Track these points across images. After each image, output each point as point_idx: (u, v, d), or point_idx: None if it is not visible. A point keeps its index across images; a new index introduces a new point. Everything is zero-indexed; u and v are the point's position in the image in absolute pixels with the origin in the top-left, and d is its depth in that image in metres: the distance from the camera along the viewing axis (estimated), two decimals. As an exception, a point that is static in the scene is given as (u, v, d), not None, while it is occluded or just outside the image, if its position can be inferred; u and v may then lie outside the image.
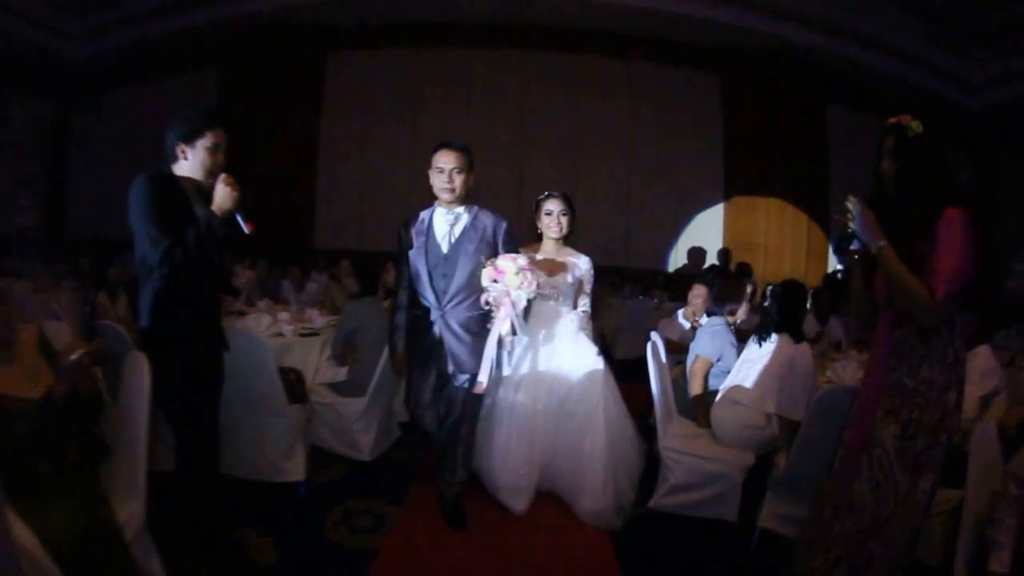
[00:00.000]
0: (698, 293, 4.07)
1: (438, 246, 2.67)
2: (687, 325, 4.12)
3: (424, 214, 2.73)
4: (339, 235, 9.14)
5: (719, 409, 2.86)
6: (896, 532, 1.73)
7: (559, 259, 3.03)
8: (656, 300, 6.61)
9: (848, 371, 3.01)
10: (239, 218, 2.09)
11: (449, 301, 2.65)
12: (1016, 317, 6.30)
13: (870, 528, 1.75)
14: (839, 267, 8.37)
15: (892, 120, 1.85)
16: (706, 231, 9.27)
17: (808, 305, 2.95)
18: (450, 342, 2.67)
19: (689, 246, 9.25)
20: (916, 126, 1.80)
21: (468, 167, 2.62)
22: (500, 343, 2.63)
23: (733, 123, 9.31)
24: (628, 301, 6.67)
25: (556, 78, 9.28)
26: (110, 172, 9.70)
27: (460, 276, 2.63)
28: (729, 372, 3.03)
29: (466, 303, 2.66)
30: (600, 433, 2.82)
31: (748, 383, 2.84)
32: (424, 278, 2.67)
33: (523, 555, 2.55)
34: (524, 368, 2.90)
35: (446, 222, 2.67)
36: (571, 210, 3.05)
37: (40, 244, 8.91)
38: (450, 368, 2.68)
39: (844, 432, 1.91)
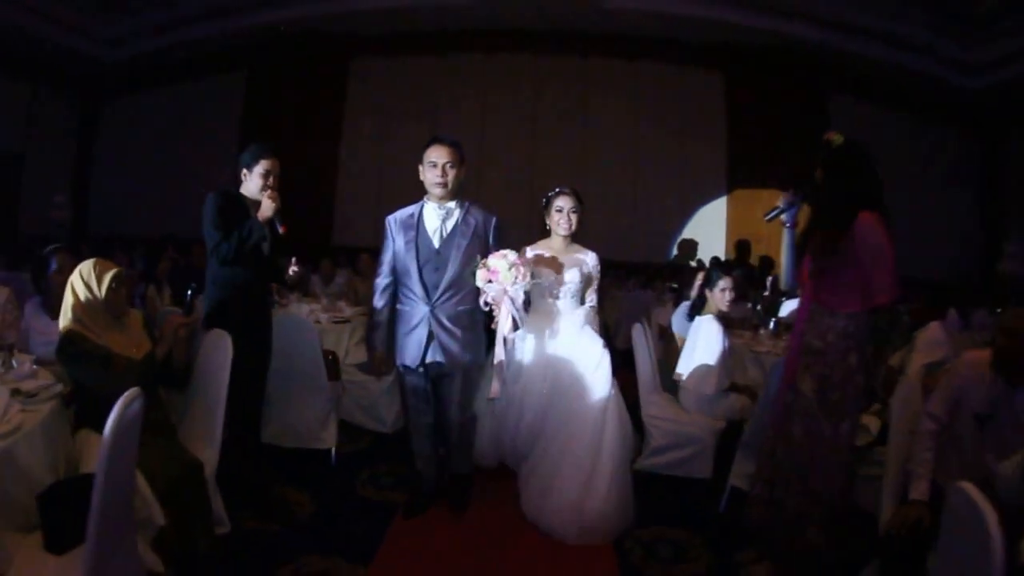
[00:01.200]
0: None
1: (429, 241, 2.65)
2: None
3: (413, 208, 2.71)
4: (357, 232, 9.51)
5: (681, 393, 3.27)
6: (831, 471, 2.15)
7: (568, 255, 3.02)
8: (655, 292, 6.94)
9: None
10: (276, 222, 2.65)
11: (440, 296, 2.63)
12: (1014, 298, 6.50)
13: (808, 465, 2.16)
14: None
15: (824, 137, 2.24)
16: (709, 224, 9.56)
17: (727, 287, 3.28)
18: (441, 337, 2.64)
19: (694, 239, 9.53)
20: (837, 139, 2.20)
21: (460, 162, 2.62)
22: (504, 341, 2.68)
23: (736, 118, 9.58)
24: (631, 293, 7.02)
25: (566, 79, 9.65)
26: (134, 172, 10.39)
27: (451, 271, 2.62)
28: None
29: (456, 298, 2.65)
30: (613, 424, 2.81)
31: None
32: (414, 273, 2.63)
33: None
34: (532, 365, 2.95)
35: (437, 217, 2.65)
36: (580, 207, 3.05)
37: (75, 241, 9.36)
38: (443, 363, 2.67)
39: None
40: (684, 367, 3.18)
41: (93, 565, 1.47)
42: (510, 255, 2.56)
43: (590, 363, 2.89)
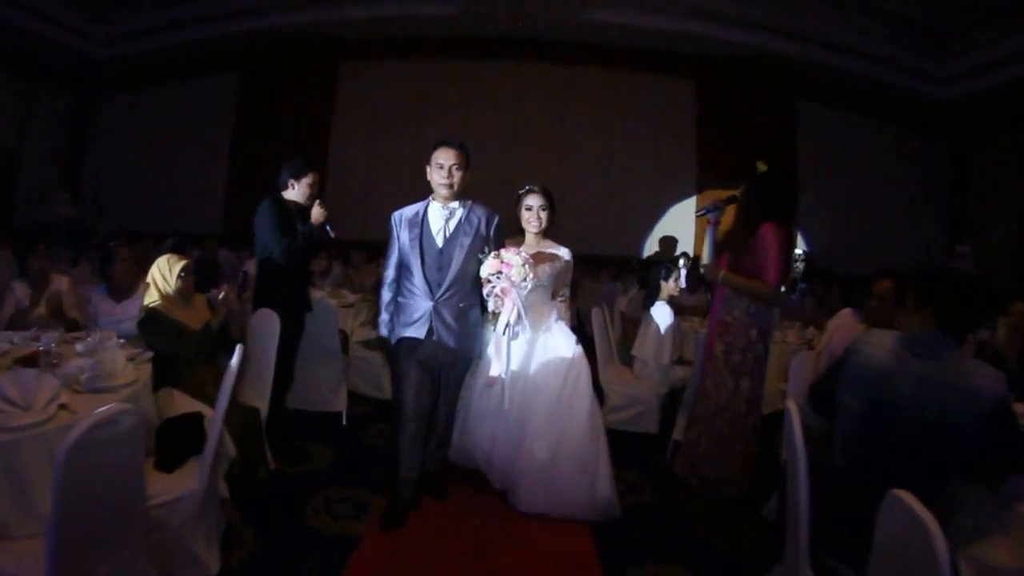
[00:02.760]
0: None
1: (433, 240, 2.72)
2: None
3: (419, 207, 2.78)
4: (346, 228, 9.92)
5: (636, 363, 3.98)
6: (732, 416, 2.83)
7: (540, 251, 3.06)
8: (624, 284, 7.60)
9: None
10: (328, 228, 3.27)
11: (443, 293, 2.70)
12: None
13: (715, 412, 2.85)
14: (799, 252, 9.37)
15: (756, 163, 2.91)
16: (679, 222, 10.16)
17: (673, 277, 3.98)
18: (441, 332, 2.71)
19: (664, 235, 10.19)
20: (761, 166, 2.87)
21: (466, 164, 2.70)
22: (506, 331, 2.76)
23: (706, 122, 10.19)
24: (603, 285, 7.69)
25: (546, 85, 10.22)
26: (128, 169, 10.77)
27: (455, 269, 2.69)
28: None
29: (459, 295, 2.73)
30: (584, 419, 2.88)
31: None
32: (417, 270, 2.71)
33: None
34: (518, 355, 2.95)
35: (442, 216, 2.72)
36: (550, 205, 3.06)
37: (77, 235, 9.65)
38: (440, 356, 2.75)
39: None
40: (640, 343, 3.87)
41: (208, 474, 2.09)
42: (523, 252, 2.71)
43: (565, 358, 2.94)
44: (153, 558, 1.93)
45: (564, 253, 3.09)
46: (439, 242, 2.73)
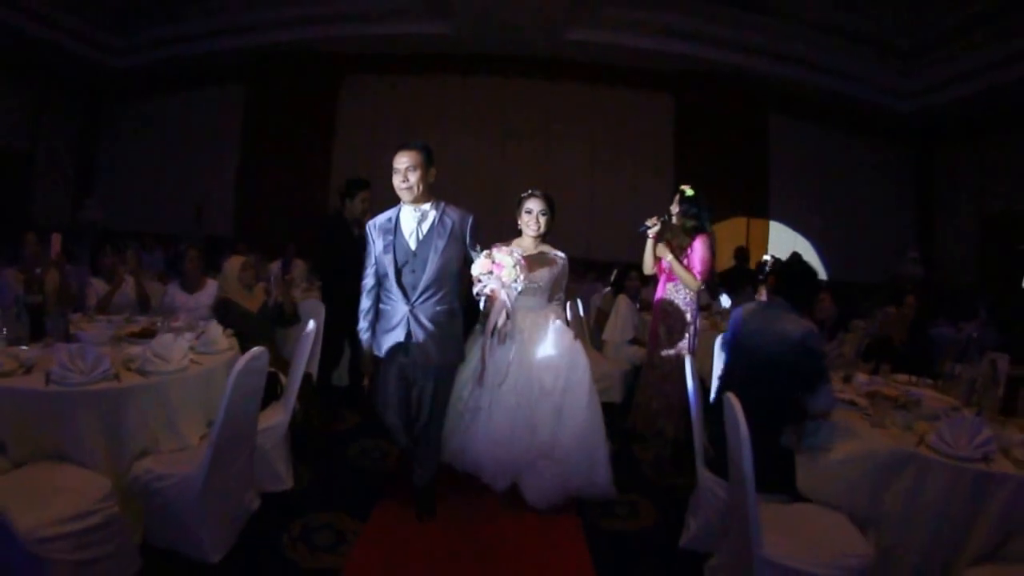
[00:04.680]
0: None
1: (406, 243, 2.71)
2: None
3: (391, 212, 2.79)
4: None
5: (604, 346, 4.85)
6: (675, 381, 3.69)
7: (538, 255, 3.13)
8: (602, 284, 8.43)
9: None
10: None
11: (419, 297, 2.70)
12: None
13: (661, 378, 3.71)
14: (767, 258, 10.08)
15: (680, 187, 3.76)
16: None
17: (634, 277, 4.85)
18: (419, 336, 2.70)
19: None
20: (688, 190, 3.71)
21: (423, 164, 2.65)
22: (494, 332, 2.83)
23: (684, 134, 10.84)
24: (587, 285, 8.54)
25: (533, 100, 10.92)
26: (139, 173, 11.35)
27: (429, 272, 2.67)
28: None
29: (435, 298, 2.71)
30: (587, 409, 3.03)
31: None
32: (392, 275, 2.70)
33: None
34: (508, 358, 3.03)
35: (413, 219, 2.71)
36: (550, 210, 3.14)
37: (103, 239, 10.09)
38: (420, 361, 2.75)
39: None
40: (608, 329, 4.75)
41: (289, 410, 2.92)
42: (516, 253, 2.72)
43: (564, 357, 3.07)
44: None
45: (560, 258, 3.22)
46: (412, 245, 2.73)
